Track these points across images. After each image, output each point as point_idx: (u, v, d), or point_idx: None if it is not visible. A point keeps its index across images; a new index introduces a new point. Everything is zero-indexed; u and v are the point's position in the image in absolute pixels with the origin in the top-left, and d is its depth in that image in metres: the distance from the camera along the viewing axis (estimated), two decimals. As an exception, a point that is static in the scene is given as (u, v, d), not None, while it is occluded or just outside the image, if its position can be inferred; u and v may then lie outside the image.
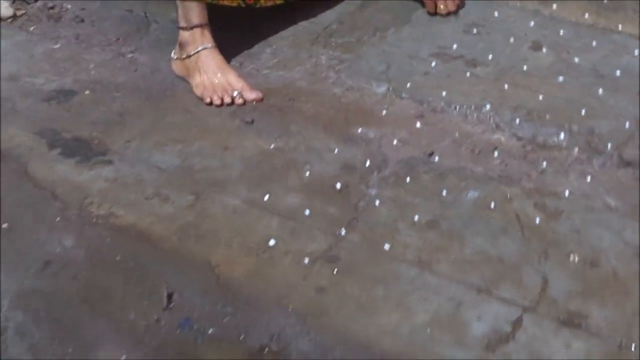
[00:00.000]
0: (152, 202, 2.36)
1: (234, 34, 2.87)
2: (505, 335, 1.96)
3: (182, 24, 2.71)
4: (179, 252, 2.21)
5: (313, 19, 2.94)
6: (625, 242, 2.15)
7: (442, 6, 2.91)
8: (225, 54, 2.78)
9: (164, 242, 2.24)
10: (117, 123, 2.63)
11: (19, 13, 3.13)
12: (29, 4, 3.16)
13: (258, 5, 2.79)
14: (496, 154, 2.43)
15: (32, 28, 3.07)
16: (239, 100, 2.65)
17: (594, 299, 2.02)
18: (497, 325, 1.99)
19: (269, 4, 2.82)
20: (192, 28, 2.70)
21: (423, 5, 2.95)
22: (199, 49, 2.70)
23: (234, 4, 2.76)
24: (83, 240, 2.26)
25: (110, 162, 2.49)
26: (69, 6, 3.16)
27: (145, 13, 3.05)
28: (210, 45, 2.70)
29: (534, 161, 2.40)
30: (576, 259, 2.12)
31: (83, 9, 3.13)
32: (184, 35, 2.72)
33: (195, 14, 2.69)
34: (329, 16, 2.96)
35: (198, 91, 2.68)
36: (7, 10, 3.11)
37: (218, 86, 2.66)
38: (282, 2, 2.84)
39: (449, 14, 2.91)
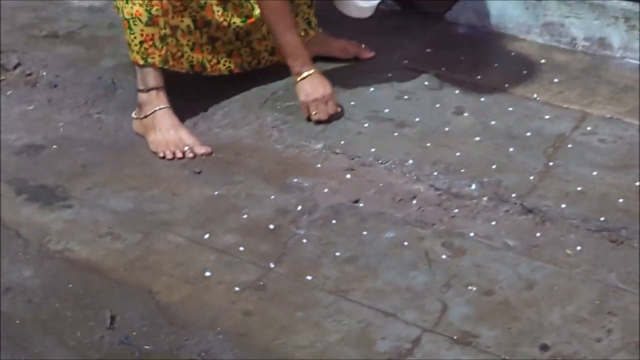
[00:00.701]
0: (104, 239, 2.65)
1: (190, 96, 3.17)
2: (405, 352, 2.23)
3: (140, 86, 3.04)
4: (125, 281, 2.50)
5: (263, 85, 3.25)
6: (519, 275, 2.43)
7: (313, 112, 3.07)
8: (181, 115, 3.08)
9: (112, 273, 2.52)
10: (80, 173, 2.92)
11: (-1, 78, 3.44)
12: (7, 70, 3.46)
13: (205, 73, 3.09)
14: (415, 201, 2.72)
15: (9, 92, 3.38)
16: (189, 154, 2.96)
17: (486, 322, 2.30)
18: (398, 343, 2.26)
19: (215, 73, 3.12)
20: (148, 90, 3.02)
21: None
22: (155, 109, 3.01)
23: (184, 70, 3.06)
24: (41, 271, 2.55)
25: (70, 206, 2.78)
26: (45, 73, 3.46)
27: (112, 79, 3.36)
28: (164, 105, 3.01)
29: (447, 208, 2.69)
30: (474, 288, 2.39)
31: (57, 75, 3.44)
32: (142, 96, 3.04)
33: (152, 77, 3.01)
34: (277, 83, 3.26)
35: (153, 147, 2.98)
36: (-13, 75, 3.42)
37: (171, 142, 2.97)
38: (227, 72, 3.15)
39: (319, 122, 3.08)
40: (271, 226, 2.65)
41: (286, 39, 3.02)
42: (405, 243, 2.56)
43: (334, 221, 2.66)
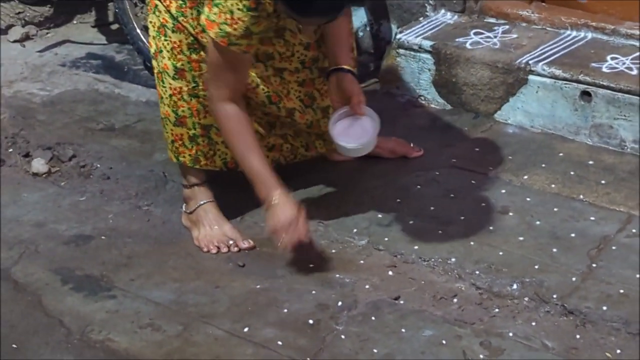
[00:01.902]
0: (145, 330, 2.68)
1: (238, 189, 3.20)
2: None
3: (183, 182, 3.10)
4: (163, 372, 2.51)
5: (307, 180, 3.29)
6: (556, 376, 2.40)
7: (279, 242, 2.83)
8: (228, 208, 3.13)
9: (150, 364, 2.54)
10: (125, 264, 2.97)
11: (53, 170, 3.52)
12: (63, 162, 3.55)
13: (239, 169, 3.11)
14: (455, 300, 2.72)
15: (63, 183, 3.46)
16: (233, 249, 2.98)
17: None
18: None
19: None
20: (191, 186, 3.07)
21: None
22: (199, 204, 3.05)
23: (217, 169, 3.11)
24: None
25: (114, 297, 2.82)
26: (99, 165, 3.54)
27: (164, 172, 3.42)
28: (207, 200, 3.06)
29: (487, 307, 2.68)
30: (511, 389, 2.37)
31: (110, 167, 3.52)
32: (186, 192, 3.09)
33: (192, 174, 3.06)
34: (325, 179, 3.30)
35: (197, 242, 3.03)
36: (42, 167, 3.50)
37: (215, 237, 3.01)
38: None
39: (286, 251, 2.89)
40: (310, 321, 2.66)
41: (251, 163, 2.84)
42: (444, 342, 2.55)
43: (373, 318, 2.66)
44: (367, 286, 2.79)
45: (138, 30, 4.09)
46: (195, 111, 2.95)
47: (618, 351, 2.47)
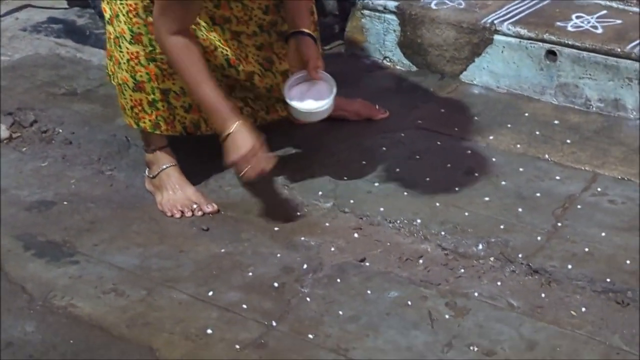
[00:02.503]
0: (108, 295, 2.65)
1: (202, 153, 3.18)
2: (403, 412, 2.20)
3: (145, 146, 3.05)
4: (126, 337, 2.49)
5: (273, 143, 3.24)
6: (521, 335, 2.40)
7: (241, 173, 2.82)
8: (192, 172, 3.09)
9: (113, 330, 2.52)
10: (88, 230, 2.93)
11: (14, 135, 3.47)
12: (24, 127, 3.50)
13: (199, 133, 3.08)
14: (421, 261, 2.71)
15: (24, 149, 3.40)
16: (197, 213, 2.95)
17: (486, 384, 2.26)
18: (396, 403, 2.23)
19: (210, 132, 3.07)
20: (153, 151, 3.03)
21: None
22: (162, 168, 3.02)
23: (177, 134, 3.06)
24: (43, 326, 2.54)
25: (77, 262, 2.79)
26: (60, 130, 3.49)
27: (126, 137, 3.38)
28: (170, 164, 3.02)
29: (453, 268, 2.67)
30: (475, 349, 2.36)
31: (73, 132, 3.47)
32: (148, 156, 3.06)
33: (154, 138, 3.03)
34: (288, 141, 3.27)
35: (160, 207, 2.99)
36: (4, 132, 3.45)
37: (178, 201, 2.97)
38: None
39: (247, 182, 2.93)
40: (275, 284, 2.64)
41: (203, 94, 2.76)
42: (409, 302, 2.54)
43: (338, 280, 2.64)
44: (332, 249, 2.76)
45: (99, -6, 4.02)
46: (153, 75, 2.91)
47: (583, 309, 2.47)
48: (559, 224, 2.78)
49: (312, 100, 2.92)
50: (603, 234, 2.72)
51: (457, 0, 3.67)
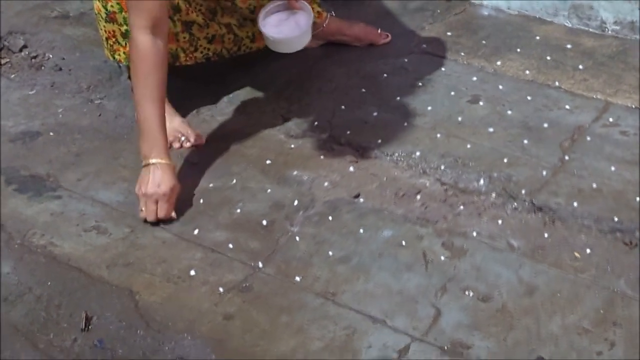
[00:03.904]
0: (90, 234, 2.52)
1: (195, 81, 3.03)
2: (390, 362, 2.07)
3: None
4: (105, 279, 2.37)
5: (270, 70, 3.10)
6: (520, 279, 2.26)
7: (141, 209, 2.57)
8: (184, 101, 2.95)
9: (93, 270, 2.40)
10: (73, 163, 2.80)
11: (3, 61, 3.32)
12: (13, 53, 3.35)
13: (177, 64, 2.91)
14: (418, 197, 2.56)
15: (12, 75, 3.26)
16: (186, 144, 2.81)
17: (480, 331, 2.13)
18: (384, 352, 2.10)
19: (190, 62, 2.94)
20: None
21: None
22: (149, 98, 2.86)
23: None
24: (20, 267, 2.42)
25: (59, 197, 2.66)
26: (51, 56, 3.34)
27: (119, 64, 3.22)
28: None
29: (452, 204, 2.52)
30: (471, 293, 2.22)
31: (63, 58, 3.32)
32: (135, 86, 2.89)
33: None
34: (286, 68, 3.10)
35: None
36: (-9, 58, 3.31)
37: (164, 132, 2.82)
38: (203, 60, 2.96)
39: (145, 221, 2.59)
40: (264, 222, 2.50)
41: (145, 112, 2.57)
42: (403, 242, 2.40)
43: (330, 218, 2.50)
44: (325, 183, 2.62)
45: None
46: (124, 6, 2.74)
47: (588, 250, 2.33)
48: (566, 157, 2.62)
49: (287, 30, 2.72)
50: (612, 168, 2.56)
51: None
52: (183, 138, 2.81)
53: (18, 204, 2.65)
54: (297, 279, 2.32)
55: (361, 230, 2.45)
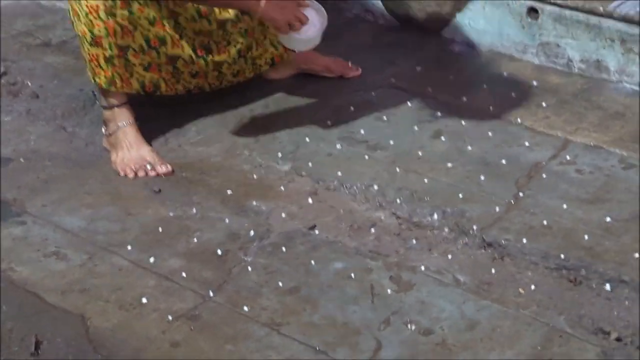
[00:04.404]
0: (49, 259, 2.57)
1: (165, 110, 3.09)
2: (329, 393, 2.11)
3: (103, 103, 2.96)
4: (59, 305, 2.41)
5: (241, 101, 3.15)
6: (462, 314, 2.29)
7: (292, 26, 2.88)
8: (154, 130, 3.01)
9: (48, 295, 2.44)
10: (40, 189, 2.85)
11: (-19, 88, 3.38)
12: (-7, 79, 3.42)
13: (158, 93, 2.98)
14: (373, 230, 2.60)
15: (-11, 102, 3.32)
16: (151, 173, 2.86)
17: (418, 364, 2.16)
18: (323, 383, 2.13)
19: (170, 93, 3.01)
20: (111, 107, 2.94)
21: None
22: (119, 125, 2.92)
23: (133, 92, 2.96)
24: (-22, 290, 2.47)
25: (23, 223, 2.71)
26: (29, 83, 3.40)
27: (93, 92, 3.28)
28: (127, 122, 2.92)
29: (405, 238, 2.56)
30: (413, 327, 2.26)
31: (41, 85, 3.38)
32: (106, 113, 2.97)
33: (113, 95, 2.93)
34: (256, 100, 3.16)
35: (115, 166, 2.91)
36: (-30, 85, 3.37)
37: (132, 160, 2.89)
38: (183, 92, 3.04)
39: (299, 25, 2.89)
40: (219, 252, 2.55)
41: None
42: (352, 275, 2.43)
43: (283, 249, 2.54)
44: (283, 214, 2.66)
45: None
46: (111, 30, 2.81)
47: (532, 287, 2.36)
48: (521, 194, 2.65)
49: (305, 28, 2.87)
50: (565, 206, 2.59)
51: (443, -48, 3.49)
52: (149, 167, 2.86)
53: (-18, 229, 2.70)
54: (245, 309, 2.36)
55: (312, 262, 2.49)
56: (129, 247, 2.58)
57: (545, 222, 2.55)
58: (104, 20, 2.80)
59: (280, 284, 2.43)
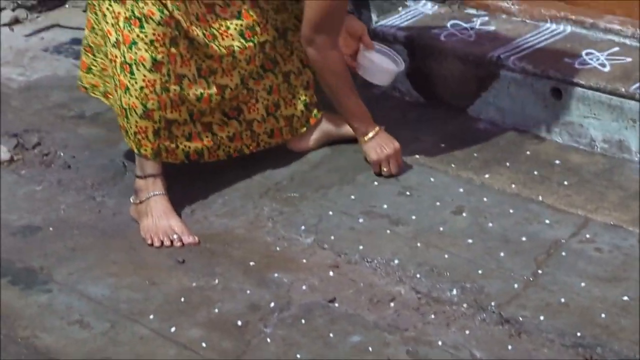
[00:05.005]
0: (72, 327, 2.62)
1: (192, 183, 3.15)
2: None
3: (138, 172, 3.03)
4: (81, 372, 2.45)
5: (266, 174, 3.21)
6: (477, 390, 2.30)
7: (385, 169, 3.12)
8: (181, 201, 3.07)
9: (69, 363, 2.48)
10: (67, 257, 2.91)
11: (16, 158, 3.47)
12: (27, 150, 3.50)
13: (202, 161, 3.07)
14: (392, 304, 2.62)
15: (23, 171, 3.40)
16: (177, 243, 2.91)
17: None
18: None
19: (213, 159, 3.10)
20: (145, 177, 3.01)
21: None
22: (150, 195, 2.99)
23: (178, 162, 3.05)
24: (3, 357, 2.51)
25: (49, 291, 2.77)
26: (62, 154, 3.48)
27: (123, 163, 3.36)
28: (159, 192, 2.99)
29: (424, 313, 2.59)
30: (426, 402, 2.28)
31: (73, 156, 3.46)
32: (139, 182, 3.03)
33: (149, 165, 3.00)
34: (282, 172, 3.22)
35: (143, 233, 2.96)
36: (5, 154, 3.45)
37: (160, 229, 2.94)
38: (225, 157, 3.12)
39: (391, 176, 3.11)
40: (239, 322, 2.59)
41: (350, 101, 3.16)
42: (370, 348, 2.46)
43: (303, 321, 2.58)
44: (304, 287, 2.70)
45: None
46: (163, 105, 2.92)
47: (548, 364, 2.36)
48: (539, 271, 2.68)
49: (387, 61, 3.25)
50: (582, 284, 2.61)
51: (468, 32, 3.56)
52: (176, 236, 2.91)
53: (9, 295, 2.76)
54: (263, 380, 2.38)
55: (331, 335, 2.52)
56: (151, 316, 2.61)
57: (562, 300, 2.57)
58: (158, 94, 2.91)
59: (299, 355, 2.46)
